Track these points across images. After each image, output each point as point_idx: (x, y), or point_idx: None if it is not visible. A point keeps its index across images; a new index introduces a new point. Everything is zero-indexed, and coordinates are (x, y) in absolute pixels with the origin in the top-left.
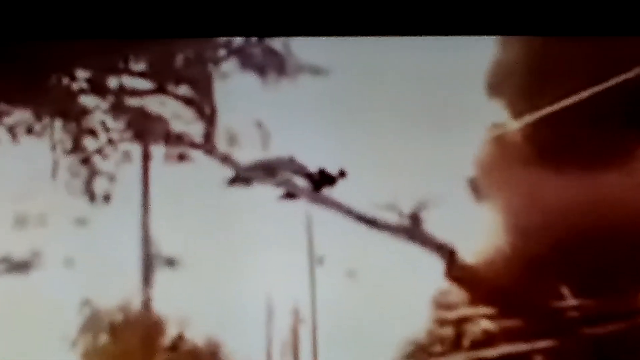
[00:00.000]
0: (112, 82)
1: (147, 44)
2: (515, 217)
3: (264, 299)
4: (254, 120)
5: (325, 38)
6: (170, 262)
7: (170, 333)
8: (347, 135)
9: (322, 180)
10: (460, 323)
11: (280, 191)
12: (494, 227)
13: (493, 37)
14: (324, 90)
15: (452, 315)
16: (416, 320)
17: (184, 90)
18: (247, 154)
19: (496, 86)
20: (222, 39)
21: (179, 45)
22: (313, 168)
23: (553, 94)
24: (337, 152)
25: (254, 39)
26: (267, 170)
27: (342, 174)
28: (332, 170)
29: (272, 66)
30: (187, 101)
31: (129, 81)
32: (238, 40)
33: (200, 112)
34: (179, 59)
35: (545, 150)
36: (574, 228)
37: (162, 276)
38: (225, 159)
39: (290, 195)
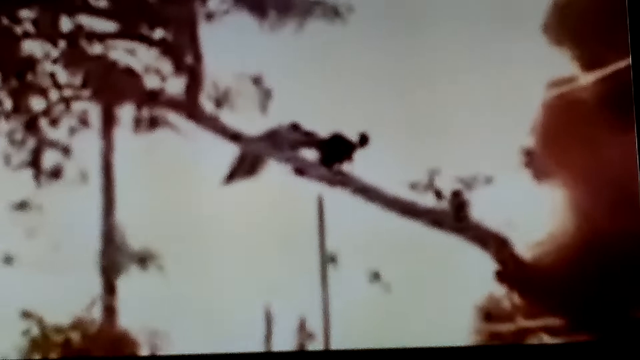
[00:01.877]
0: (66, 23)
1: None
2: (585, 197)
3: (261, 308)
4: (250, 74)
5: None
6: (141, 261)
7: (140, 354)
8: (369, 94)
9: (337, 149)
10: (516, 338)
11: (278, 168)
12: (559, 211)
13: None
14: (340, 36)
15: (506, 328)
16: (459, 336)
17: (159, 33)
18: (241, 119)
19: (558, 29)
20: None
21: None
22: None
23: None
24: (356, 117)
25: None
26: (274, 141)
27: (363, 140)
28: (350, 135)
29: (274, 3)
30: (164, 48)
31: (88, 21)
32: None
33: (181, 64)
34: None
35: (623, 112)
36: None
37: (129, 279)
38: (216, 125)
39: (297, 171)
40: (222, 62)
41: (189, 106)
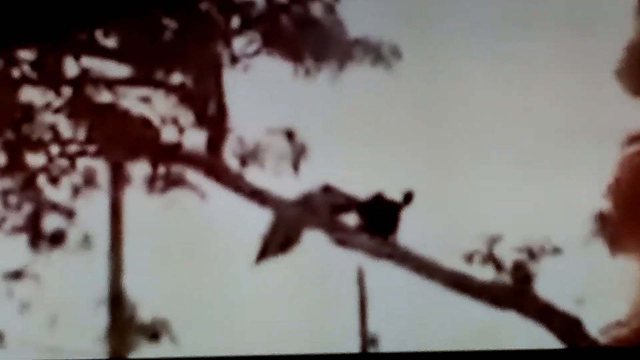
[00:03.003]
0: (70, 66)
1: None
2: None
3: None
4: (281, 127)
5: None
6: (154, 336)
7: None
8: (413, 150)
9: (380, 212)
10: None
11: (315, 238)
12: (638, 287)
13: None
14: (388, 84)
15: None
16: None
17: (177, 79)
18: (270, 179)
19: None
20: None
21: (168, 9)
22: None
23: None
24: (399, 176)
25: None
26: (309, 206)
27: (408, 198)
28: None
29: (311, 46)
30: (183, 96)
31: (95, 65)
32: (260, 4)
33: (203, 114)
34: (169, 32)
35: None
36: None
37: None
38: (241, 186)
39: (338, 241)
40: (249, 113)
41: (210, 163)
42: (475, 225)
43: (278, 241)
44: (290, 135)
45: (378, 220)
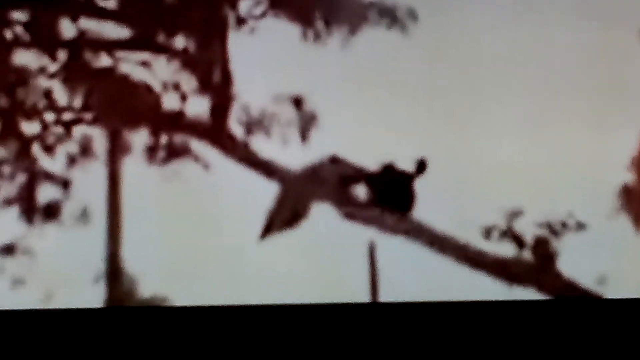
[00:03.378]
0: (66, 28)
1: None
2: None
3: None
4: (289, 94)
5: None
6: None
7: None
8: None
9: (391, 185)
10: None
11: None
12: None
13: None
14: (403, 48)
15: None
16: None
17: (180, 42)
18: (278, 148)
19: None
20: None
21: None
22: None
23: None
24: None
25: None
26: (318, 179)
27: (421, 167)
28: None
29: (322, 8)
30: (186, 61)
31: (93, 26)
32: None
33: (206, 80)
34: None
35: None
36: None
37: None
38: (247, 156)
39: (347, 215)
40: (255, 78)
41: (214, 132)
42: (495, 198)
43: (284, 216)
44: (298, 102)
45: (389, 193)
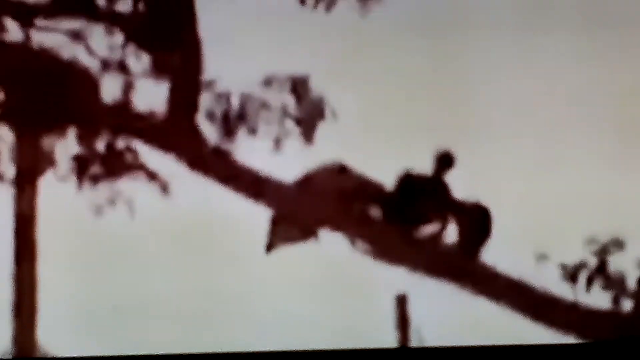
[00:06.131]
0: None
1: None
2: None
3: None
4: (283, 74)
5: None
6: None
7: None
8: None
9: (414, 198)
10: None
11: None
12: None
13: None
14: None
15: None
16: None
17: (125, 5)
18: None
19: None
20: None
21: None
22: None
23: None
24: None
25: None
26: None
27: (447, 161)
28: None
29: None
30: (135, 29)
31: None
32: None
33: (164, 57)
34: None
35: None
36: None
37: None
38: (222, 164)
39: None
40: (235, 55)
41: (176, 133)
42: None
43: (283, 236)
44: (296, 86)
45: (411, 210)
